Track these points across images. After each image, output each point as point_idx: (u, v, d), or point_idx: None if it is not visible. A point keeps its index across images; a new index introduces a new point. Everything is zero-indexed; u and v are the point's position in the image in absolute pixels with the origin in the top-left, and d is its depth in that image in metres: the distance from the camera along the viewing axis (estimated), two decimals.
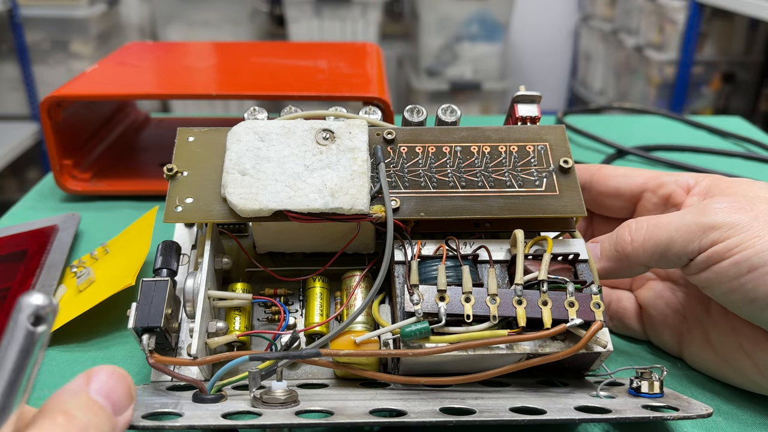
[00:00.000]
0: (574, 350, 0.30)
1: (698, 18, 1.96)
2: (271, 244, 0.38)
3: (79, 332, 0.40)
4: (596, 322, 0.31)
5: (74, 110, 0.59)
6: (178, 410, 0.29)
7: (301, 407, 0.29)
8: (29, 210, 0.57)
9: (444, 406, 0.30)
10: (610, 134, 0.73)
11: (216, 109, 2.14)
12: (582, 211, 0.35)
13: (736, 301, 0.32)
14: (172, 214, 0.34)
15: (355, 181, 0.33)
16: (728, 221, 0.32)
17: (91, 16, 1.98)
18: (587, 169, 0.41)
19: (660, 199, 0.38)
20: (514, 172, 0.35)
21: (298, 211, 0.33)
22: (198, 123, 0.74)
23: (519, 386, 0.34)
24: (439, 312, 0.31)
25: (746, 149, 0.73)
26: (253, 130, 0.35)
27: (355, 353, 0.31)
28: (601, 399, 0.32)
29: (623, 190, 0.40)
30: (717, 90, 2.12)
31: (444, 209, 0.34)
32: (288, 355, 0.30)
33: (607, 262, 0.36)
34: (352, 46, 0.75)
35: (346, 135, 0.35)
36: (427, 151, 0.36)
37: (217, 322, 0.34)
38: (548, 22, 2.86)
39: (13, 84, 2.02)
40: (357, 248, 0.38)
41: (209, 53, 0.71)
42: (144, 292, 0.33)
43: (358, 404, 0.30)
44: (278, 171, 0.34)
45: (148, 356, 0.31)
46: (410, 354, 0.30)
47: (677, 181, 0.38)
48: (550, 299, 0.31)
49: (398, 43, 2.57)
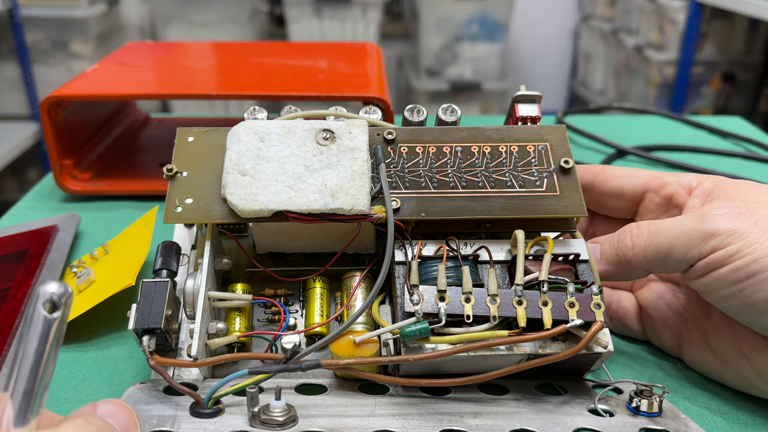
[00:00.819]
0: (575, 351, 0.30)
1: (698, 18, 1.96)
2: (271, 244, 0.38)
3: (79, 332, 0.40)
4: (597, 323, 0.31)
5: (74, 110, 0.59)
6: (175, 429, 0.29)
7: (300, 428, 0.29)
8: (29, 210, 0.57)
9: (443, 429, 0.30)
10: (610, 134, 0.73)
11: (216, 109, 2.14)
12: (583, 211, 0.35)
13: (735, 306, 0.32)
14: (172, 215, 0.34)
15: (356, 182, 0.33)
16: (728, 228, 0.32)
17: (91, 16, 1.98)
18: (589, 170, 0.41)
19: (662, 200, 0.38)
20: (515, 173, 0.35)
21: (298, 212, 0.33)
22: (198, 123, 0.74)
23: (518, 392, 0.34)
24: (439, 312, 0.31)
25: (746, 149, 0.73)
26: (253, 130, 0.35)
27: (355, 362, 0.31)
28: (599, 420, 0.32)
29: (626, 191, 0.40)
30: (717, 90, 2.12)
31: (444, 209, 0.34)
32: (288, 368, 0.30)
33: (607, 266, 0.36)
34: (352, 46, 0.75)
35: (346, 135, 0.35)
36: (427, 151, 0.36)
37: (217, 323, 0.34)
38: (548, 22, 2.86)
39: (13, 84, 2.02)
40: (357, 248, 0.38)
41: (209, 53, 0.71)
42: (144, 293, 0.33)
43: (357, 424, 0.30)
44: (278, 171, 0.34)
45: (148, 358, 0.31)
46: (410, 360, 0.30)
47: (679, 182, 0.38)
48: (550, 300, 0.31)
49: (398, 43, 2.57)
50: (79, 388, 0.36)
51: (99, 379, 0.37)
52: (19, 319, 0.39)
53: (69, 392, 0.35)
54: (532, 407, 0.32)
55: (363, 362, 0.31)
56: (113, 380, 0.36)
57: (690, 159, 0.69)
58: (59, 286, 0.21)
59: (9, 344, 0.37)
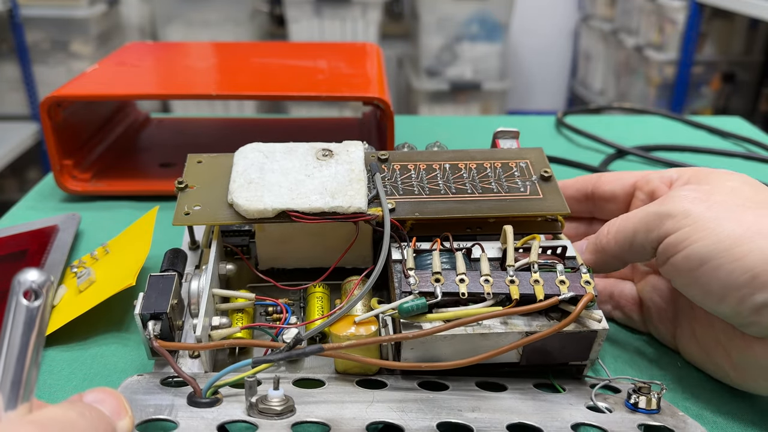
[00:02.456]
0: (569, 320, 0.31)
1: (698, 18, 1.96)
2: (273, 256, 0.39)
3: (79, 332, 0.40)
4: (587, 294, 0.32)
5: (74, 110, 0.59)
6: (172, 417, 0.29)
7: (297, 417, 0.29)
8: (29, 210, 0.57)
9: (441, 420, 0.30)
10: (610, 134, 0.73)
11: (216, 110, 2.14)
12: (565, 209, 0.37)
13: (696, 295, 0.32)
14: (181, 218, 0.36)
15: (353, 185, 0.36)
16: (683, 210, 0.32)
17: (91, 16, 1.98)
18: (588, 179, 0.42)
19: (646, 196, 0.39)
20: (500, 182, 0.38)
21: (300, 211, 0.35)
22: (199, 123, 0.74)
23: (516, 391, 0.34)
24: (435, 290, 0.32)
25: (746, 149, 0.73)
26: (258, 149, 0.39)
27: (356, 343, 0.31)
28: (597, 415, 0.32)
29: (617, 193, 0.40)
30: (717, 90, 2.12)
31: (437, 210, 0.36)
32: (291, 355, 0.30)
33: (588, 255, 0.37)
34: (352, 46, 0.75)
35: (344, 152, 0.38)
36: (418, 168, 0.39)
37: (220, 317, 0.35)
38: (548, 22, 2.86)
39: (14, 84, 2.02)
40: (355, 261, 0.39)
41: (209, 53, 0.71)
42: (151, 284, 0.34)
43: (355, 415, 0.30)
44: (282, 179, 0.36)
45: (152, 340, 0.32)
46: (409, 336, 0.31)
47: (661, 177, 0.38)
48: (541, 278, 0.32)
49: (398, 43, 2.57)
50: (79, 388, 0.36)
51: (99, 378, 0.37)
52: None
53: (69, 392, 0.35)
54: (530, 403, 0.32)
55: (364, 342, 0.31)
56: (113, 380, 0.36)
57: (690, 159, 0.69)
58: (39, 274, 0.22)
59: None
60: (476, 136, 0.75)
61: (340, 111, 2.18)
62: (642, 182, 0.39)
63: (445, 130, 0.78)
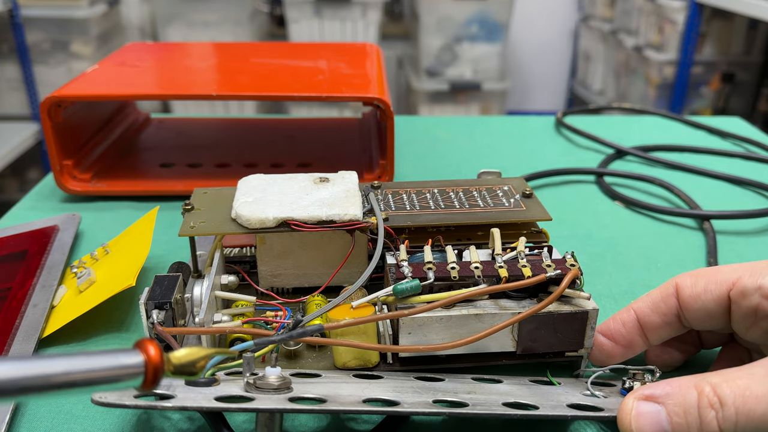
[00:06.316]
0: (559, 292, 0.32)
1: (698, 18, 1.96)
2: (273, 273, 0.40)
3: (79, 332, 0.40)
4: (574, 269, 0.33)
5: (74, 110, 0.59)
6: (170, 392, 0.29)
7: (294, 394, 0.30)
8: (29, 210, 0.57)
9: (437, 398, 0.31)
10: (609, 134, 0.74)
11: (216, 110, 2.14)
12: (547, 216, 0.40)
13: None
14: (187, 230, 0.38)
15: (349, 199, 0.39)
16: None
17: (91, 17, 1.98)
18: (667, 297, 0.34)
19: (748, 312, 0.33)
20: (486, 200, 0.42)
21: (300, 220, 0.37)
22: (199, 123, 0.74)
23: (513, 384, 0.34)
24: (428, 275, 0.34)
25: (746, 149, 0.73)
26: (260, 177, 0.42)
27: (354, 321, 0.32)
28: (593, 397, 0.32)
29: (712, 310, 0.33)
30: (716, 90, 2.12)
31: (429, 220, 0.39)
32: (292, 335, 0.31)
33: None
34: (352, 46, 0.75)
35: (339, 179, 0.42)
36: (409, 192, 0.43)
37: (222, 314, 0.35)
38: (548, 23, 2.86)
39: (14, 84, 2.02)
40: (351, 278, 0.40)
41: (209, 53, 0.71)
42: (157, 281, 0.35)
43: (351, 393, 0.31)
44: (282, 197, 0.39)
45: (156, 325, 0.32)
46: (405, 314, 0.32)
47: (760, 290, 0.32)
48: (528, 263, 0.34)
49: (398, 43, 2.58)
50: None
51: None
52: (20, 319, 0.39)
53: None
54: (525, 389, 0.33)
55: (362, 321, 0.32)
56: None
57: (689, 159, 0.69)
58: None
59: (9, 344, 0.38)
60: (476, 137, 0.75)
61: (340, 111, 2.18)
62: (736, 294, 0.33)
63: (444, 130, 0.78)
